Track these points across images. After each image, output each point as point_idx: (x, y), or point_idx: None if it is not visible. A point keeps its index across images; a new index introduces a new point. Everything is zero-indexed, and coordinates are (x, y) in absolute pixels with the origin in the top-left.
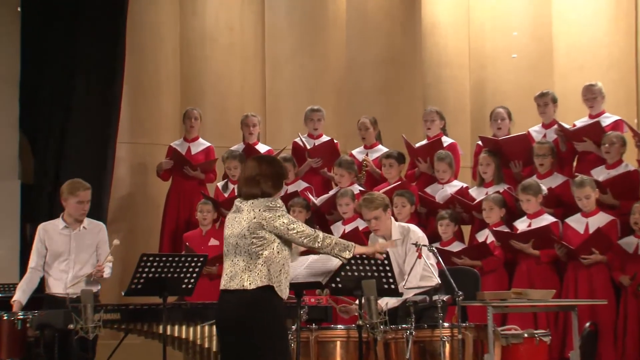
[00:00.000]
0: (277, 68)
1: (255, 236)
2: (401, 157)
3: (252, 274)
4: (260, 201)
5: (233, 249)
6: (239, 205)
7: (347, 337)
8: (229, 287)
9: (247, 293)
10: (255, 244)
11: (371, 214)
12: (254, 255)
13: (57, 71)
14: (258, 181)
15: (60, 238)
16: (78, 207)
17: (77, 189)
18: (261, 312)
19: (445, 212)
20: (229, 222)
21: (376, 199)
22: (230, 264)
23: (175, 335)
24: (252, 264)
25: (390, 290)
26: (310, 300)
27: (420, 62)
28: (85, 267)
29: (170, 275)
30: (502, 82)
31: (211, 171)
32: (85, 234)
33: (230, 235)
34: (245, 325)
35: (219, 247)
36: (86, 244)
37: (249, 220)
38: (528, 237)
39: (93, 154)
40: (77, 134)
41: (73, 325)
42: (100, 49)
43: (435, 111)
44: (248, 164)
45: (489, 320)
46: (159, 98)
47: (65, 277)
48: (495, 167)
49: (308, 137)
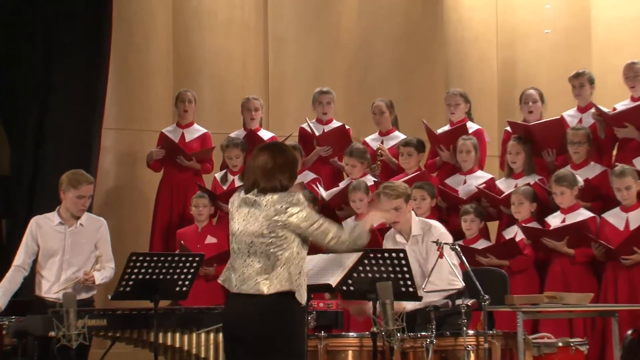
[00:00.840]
0: (281, 46)
1: (275, 236)
2: (420, 144)
3: (271, 278)
4: (280, 197)
5: (246, 247)
6: (254, 199)
7: (360, 346)
8: (242, 290)
9: (265, 299)
10: (274, 244)
11: (392, 204)
12: (273, 257)
13: (35, 49)
14: (275, 173)
15: (54, 235)
16: (77, 202)
17: (78, 181)
18: (281, 322)
19: (469, 207)
20: (240, 216)
21: (398, 187)
22: (241, 264)
23: (168, 344)
24: (269, 266)
25: (408, 294)
26: (319, 304)
27: (441, 39)
28: (82, 268)
29: (162, 277)
30: (534, 61)
31: (208, 161)
32: (82, 232)
33: (243, 232)
34: (262, 336)
35: (217, 246)
36: (82, 242)
37: (268, 217)
38: (562, 234)
39: (75, 141)
40: (57, 119)
41: (54, 332)
42: (84, 23)
43: (459, 93)
44: (259, 154)
45: (519, 328)
46: (149, 79)
47: (58, 279)
48: (526, 156)
49: (316, 122)
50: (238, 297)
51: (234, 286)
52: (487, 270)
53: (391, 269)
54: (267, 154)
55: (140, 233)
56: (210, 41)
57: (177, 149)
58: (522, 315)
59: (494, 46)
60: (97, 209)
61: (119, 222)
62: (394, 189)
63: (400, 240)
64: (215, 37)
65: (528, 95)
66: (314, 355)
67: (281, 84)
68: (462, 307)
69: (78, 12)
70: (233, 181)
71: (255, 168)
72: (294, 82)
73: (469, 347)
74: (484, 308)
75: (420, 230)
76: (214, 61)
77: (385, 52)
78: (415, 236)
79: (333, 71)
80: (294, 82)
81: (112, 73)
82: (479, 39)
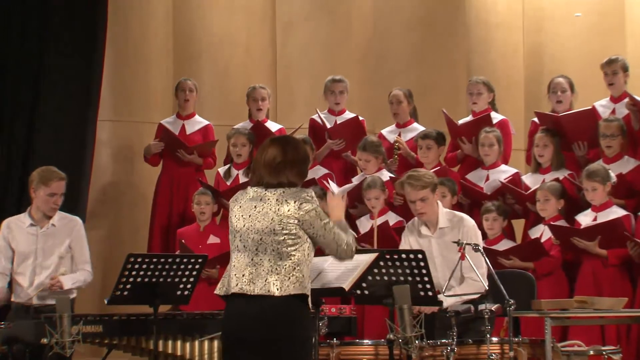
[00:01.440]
0: (289, 31)
1: (287, 233)
2: (441, 137)
3: (282, 278)
4: (293, 191)
5: (254, 245)
6: (260, 193)
7: (376, 354)
8: (247, 291)
9: (275, 300)
10: (286, 243)
11: (418, 194)
12: (285, 256)
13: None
14: (283, 168)
15: (25, 237)
16: (49, 200)
17: (49, 178)
18: (291, 326)
19: (491, 204)
20: (244, 211)
21: (424, 176)
22: (248, 262)
23: (168, 352)
24: (280, 265)
25: (427, 298)
26: (331, 310)
27: (463, 24)
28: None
29: (162, 280)
30: (563, 47)
31: (210, 155)
32: (55, 232)
33: (250, 228)
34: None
35: (220, 246)
36: (55, 244)
37: (281, 213)
38: (593, 234)
39: (69, 134)
40: (49, 110)
41: (47, 339)
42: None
43: (482, 82)
44: (268, 147)
45: (547, 335)
46: (147, 67)
47: (31, 284)
48: (554, 150)
49: (328, 113)
50: (242, 297)
51: (235, 285)
52: (512, 273)
53: (409, 271)
54: (278, 148)
55: (139, 232)
56: (213, 26)
57: (177, 142)
58: (551, 321)
59: (519, 31)
60: (92, 206)
61: (115, 221)
62: (419, 178)
63: (426, 233)
64: (218, 22)
65: (557, 83)
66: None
67: (290, 72)
68: (486, 313)
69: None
70: (237, 176)
71: (263, 162)
72: (304, 70)
73: (493, 355)
74: (509, 313)
75: (448, 223)
76: (216, 48)
77: (403, 38)
78: (443, 228)
79: (346, 58)
80: (304, 70)
81: (107, 60)
82: (504, 24)
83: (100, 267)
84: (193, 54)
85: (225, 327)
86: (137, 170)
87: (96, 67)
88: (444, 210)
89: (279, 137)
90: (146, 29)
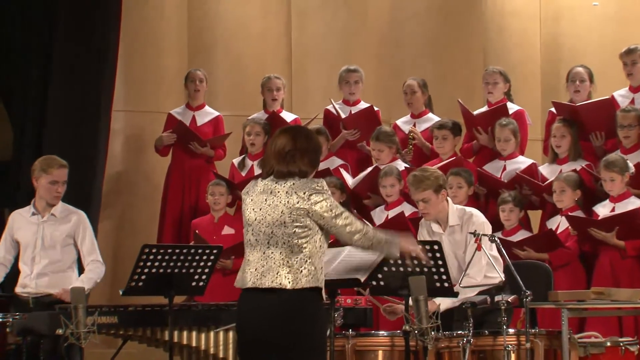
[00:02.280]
0: (304, 19)
1: (298, 225)
2: (456, 127)
3: (294, 271)
4: (303, 182)
5: (266, 238)
6: (270, 185)
7: (392, 346)
8: (260, 284)
9: (287, 294)
10: (297, 235)
11: (419, 196)
12: (296, 248)
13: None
14: (293, 157)
15: (27, 227)
16: (51, 188)
17: (50, 165)
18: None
19: (508, 195)
20: (255, 204)
21: (427, 177)
22: (260, 256)
23: (183, 343)
24: (292, 258)
25: (444, 289)
26: (346, 301)
27: (479, 12)
28: (56, 262)
29: (177, 271)
30: (581, 36)
31: (221, 146)
32: (56, 223)
33: (261, 221)
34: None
35: (235, 237)
36: (56, 234)
37: (290, 205)
38: (611, 225)
39: (82, 125)
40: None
41: (62, 330)
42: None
43: (499, 72)
44: (278, 136)
45: (564, 326)
46: (161, 57)
47: (31, 273)
48: (572, 140)
49: (343, 103)
50: (255, 292)
51: (248, 281)
52: (529, 264)
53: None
54: (287, 137)
55: (152, 223)
56: (227, 15)
57: (191, 134)
58: (567, 313)
59: (536, 20)
60: (106, 196)
61: (129, 211)
62: (422, 179)
63: (437, 230)
64: (232, 11)
65: (576, 73)
66: (342, 356)
67: (305, 62)
68: (502, 304)
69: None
70: (252, 167)
71: (273, 151)
72: (319, 59)
73: (509, 347)
74: (526, 305)
75: (459, 220)
76: (231, 37)
77: (419, 27)
78: (453, 226)
79: (361, 47)
80: (319, 59)
81: (120, 49)
82: (521, 13)
83: (113, 257)
84: (207, 44)
85: (240, 321)
86: (149, 160)
87: (110, 56)
88: (455, 207)
89: (289, 126)
90: (160, 18)
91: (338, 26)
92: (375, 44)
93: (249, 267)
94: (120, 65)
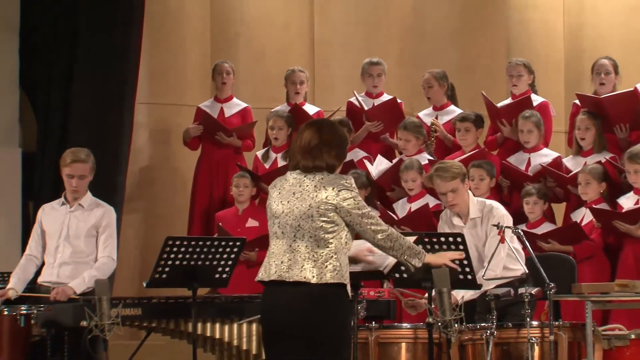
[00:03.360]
0: (327, 10)
1: (325, 219)
2: (479, 119)
3: (318, 265)
4: (332, 178)
5: (292, 231)
6: (298, 178)
7: (415, 338)
8: (285, 277)
9: (311, 288)
10: (324, 229)
11: (447, 186)
12: (322, 243)
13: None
14: (320, 151)
15: (55, 217)
16: (69, 181)
17: (65, 159)
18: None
19: (532, 188)
20: (283, 197)
21: (452, 167)
22: (286, 249)
23: (206, 335)
24: (318, 252)
25: (467, 281)
26: (370, 293)
27: (502, 4)
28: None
29: (200, 263)
30: (605, 27)
31: (249, 137)
32: (83, 214)
33: (288, 214)
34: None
35: (259, 229)
36: (81, 226)
37: (319, 199)
38: (636, 217)
39: (106, 117)
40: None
41: (86, 322)
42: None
43: (523, 64)
44: (304, 131)
45: (588, 318)
46: (184, 49)
47: (52, 262)
48: (596, 132)
49: (365, 95)
50: (280, 285)
51: (274, 273)
52: (553, 256)
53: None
54: (312, 130)
55: (176, 216)
56: (249, 6)
57: (216, 124)
58: (591, 305)
59: (560, 11)
60: (130, 189)
61: (152, 204)
62: (448, 169)
63: (458, 223)
64: (255, 2)
65: (601, 65)
66: (364, 348)
67: (326, 53)
68: (526, 296)
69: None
70: (276, 159)
71: (299, 146)
72: (342, 51)
73: (533, 339)
74: (550, 297)
75: (479, 213)
76: (254, 29)
77: (442, 18)
78: (474, 219)
79: (384, 39)
80: (342, 51)
81: (143, 42)
82: (544, 4)
83: (139, 250)
84: (230, 35)
85: (264, 314)
86: (173, 153)
87: (133, 49)
88: (475, 199)
89: (314, 120)
90: (183, 10)
91: (361, 17)
92: (398, 35)
93: (274, 259)
94: (144, 58)
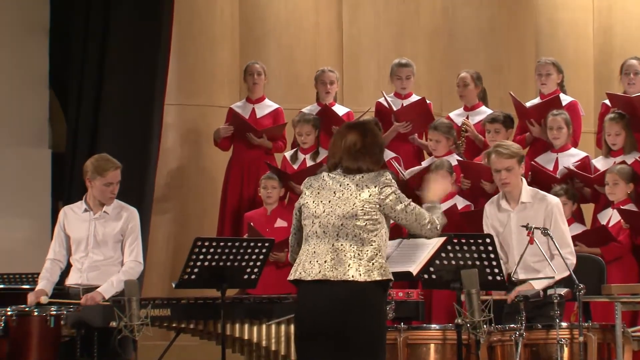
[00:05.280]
0: (356, 10)
1: (369, 218)
2: (508, 120)
3: (364, 264)
4: (372, 176)
5: (335, 230)
6: (339, 179)
7: (443, 339)
8: (330, 276)
9: (359, 286)
10: (367, 228)
11: (504, 163)
12: (366, 241)
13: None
14: (363, 154)
15: (79, 224)
16: (105, 190)
17: (104, 168)
18: (372, 313)
19: (560, 188)
20: (324, 198)
21: (512, 146)
22: (329, 248)
23: (235, 336)
24: (362, 251)
25: (496, 282)
26: (398, 294)
27: (532, 3)
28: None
29: (229, 264)
30: (635, 27)
31: (280, 138)
32: (109, 220)
33: (331, 214)
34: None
35: (288, 230)
36: (107, 232)
37: (362, 198)
38: None
39: (135, 119)
40: (115, 92)
41: (115, 322)
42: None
43: (552, 63)
44: (348, 133)
45: (617, 320)
46: (213, 49)
47: (80, 267)
48: (626, 133)
49: (394, 96)
50: (323, 284)
51: (317, 272)
52: (581, 257)
53: (477, 255)
54: (357, 133)
55: (206, 216)
56: (279, 6)
57: (246, 125)
58: (621, 306)
59: (589, 10)
60: (159, 191)
61: (182, 205)
62: (507, 147)
63: (506, 207)
64: (284, 2)
65: (629, 66)
66: (393, 349)
67: (356, 53)
68: (555, 297)
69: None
70: (304, 160)
71: (343, 147)
72: (371, 51)
73: (562, 340)
74: (579, 298)
75: (531, 199)
76: (283, 29)
77: (471, 18)
78: (525, 203)
79: (413, 39)
80: (371, 51)
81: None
82: (573, 3)
83: (169, 251)
84: (259, 36)
85: (302, 313)
86: (202, 153)
87: (162, 50)
88: (528, 187)
89: (357, 123)
90: (212, 10)
91: (390, 17)
92: (428, 36)
93: (317, 259)
94: (173, 59)
